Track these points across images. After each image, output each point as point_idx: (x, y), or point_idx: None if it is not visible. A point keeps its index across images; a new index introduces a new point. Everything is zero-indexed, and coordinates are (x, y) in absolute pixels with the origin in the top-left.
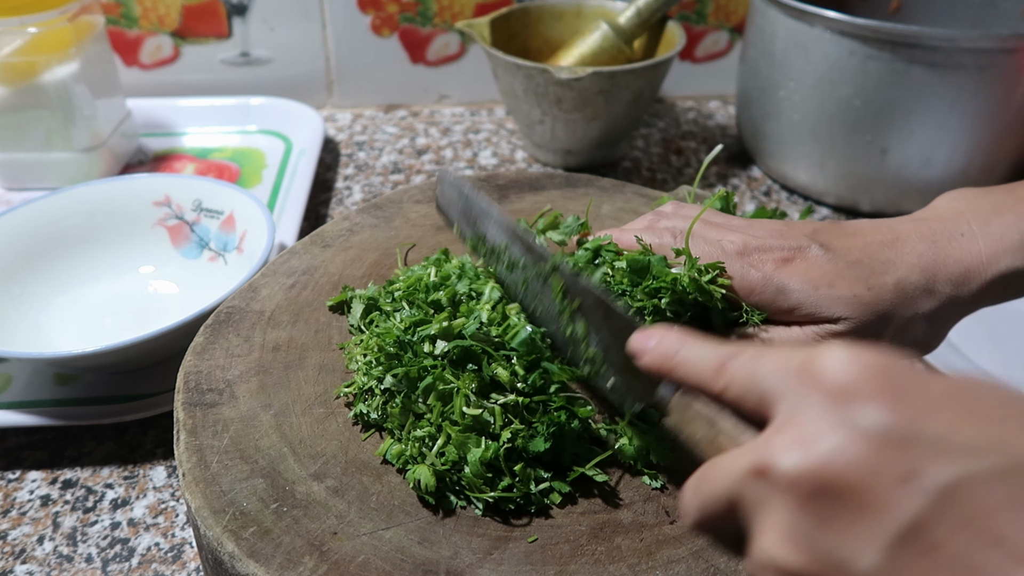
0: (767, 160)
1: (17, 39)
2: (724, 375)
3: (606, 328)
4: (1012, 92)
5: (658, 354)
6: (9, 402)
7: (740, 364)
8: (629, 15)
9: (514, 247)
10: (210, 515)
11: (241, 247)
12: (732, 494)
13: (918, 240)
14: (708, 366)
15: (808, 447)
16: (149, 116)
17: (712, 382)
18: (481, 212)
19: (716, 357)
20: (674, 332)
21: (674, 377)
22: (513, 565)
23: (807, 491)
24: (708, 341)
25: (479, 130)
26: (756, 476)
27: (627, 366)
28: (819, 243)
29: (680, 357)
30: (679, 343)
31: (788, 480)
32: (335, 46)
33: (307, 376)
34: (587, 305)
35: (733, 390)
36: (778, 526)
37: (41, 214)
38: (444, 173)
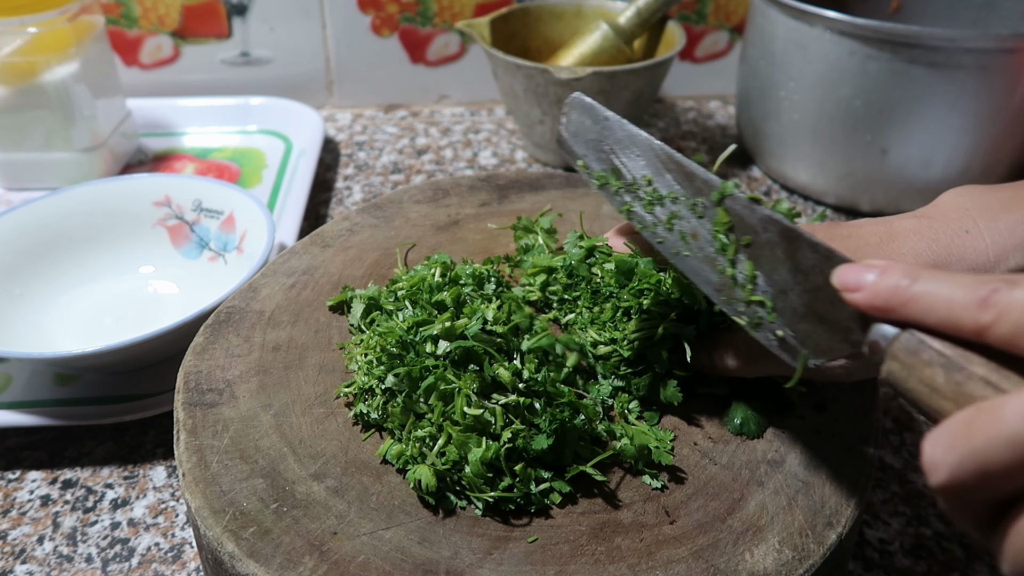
0: (767, 160)
1: (17, 39)
2: (994, 306)
3: (787, 266)
4: (1012, 92)
5: (885, 287)
6: (9, 402)
7: (1018, 295)
8: (629, 15)
9: (667, 176)
10: (210, 515)
11: (241, 247)
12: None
13: (917, 239)
14: (966, 297)
15: None
16: (149, 116)
17: (975, 315)
18: (625, 138)
19: (976, 287)
20: (902, 264)
21: (906, 313)
22: (513, 565)
23: None
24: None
25: (479, 130)
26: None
27: (812, 310)
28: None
29: (919, 288)
30: (912, 273)
31: None
32: (335, 46)
33: (307, 376)
34: (763, 240)
35: (1008, 324)
36: None
37: (41, 214)
38: (576, 98)
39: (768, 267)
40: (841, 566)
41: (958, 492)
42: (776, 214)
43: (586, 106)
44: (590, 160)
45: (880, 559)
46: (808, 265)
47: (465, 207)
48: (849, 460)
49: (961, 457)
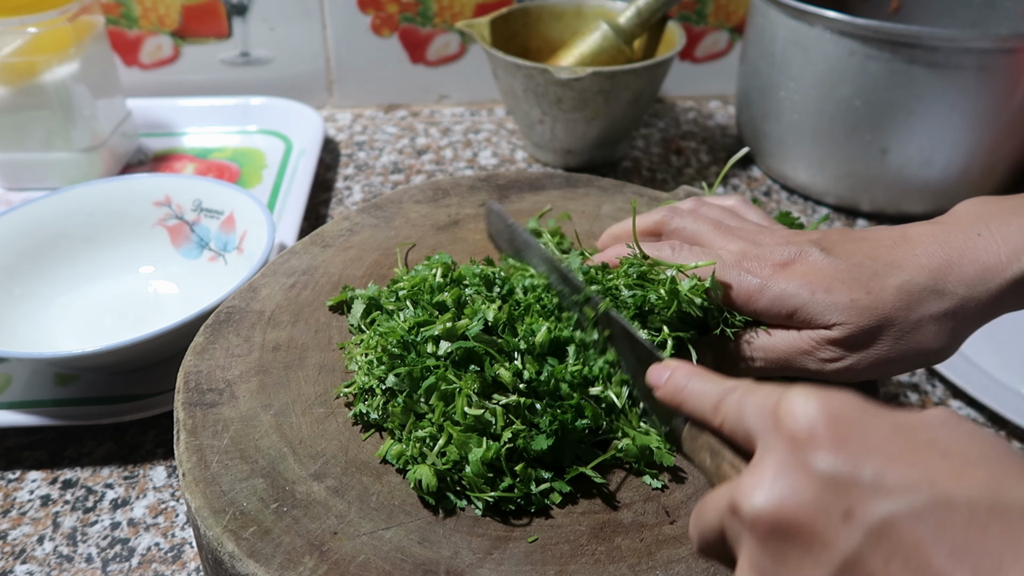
0: (767, 160)
1: (17, 39)
2: (720, 411)
3: (632, 357)
4: (1012, 92)
5: (669, 387)
6: (9, 402)
7: (731, 401)
8: (629, 15)
9: (552, 276)
10: (210, 515)
11: (241, 247)
12: (720, 527)
13: (929, 241)
14: (709, 402)
15: (767, 490)
16: (149, 116)
17: (712, 417)
18: (523, 243)
19: (715, 393)
20: (685, 367)
21: (683, 410)
22: (513, 565)
23: (766, 530)
24: (712, 377)
25: (479, 130)
26: (731, 513)
27: (650, 393)
28: (821, 247)
29: (686, 392)
30: (686, 378)
31: (751, 520)
32: (335, 46)
33: (307, 376)
34: (616, 334)
35: (727, 426)
36: (746, 559)
37: (41, 214)
38: (489, 205)
39: (623, 355)
40: None
41: (706, 553)
42: (619, 316)
43: (497, 212)
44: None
45: None
46: (642, 358)
47: (465, 207)
48: None
49: (697, 534)
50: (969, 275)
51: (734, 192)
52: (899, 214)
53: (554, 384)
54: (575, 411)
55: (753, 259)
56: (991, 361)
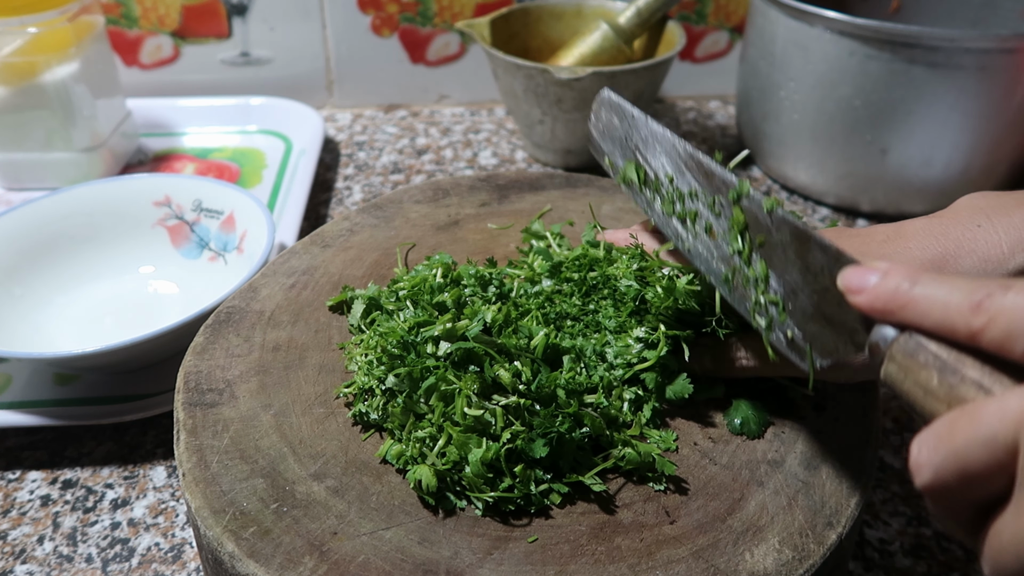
0: (767, 160)
1: (17, 39)
2: (986, 311)
3: (798, 266)
4: (1012, 92)
5: (885, 290)
6: (9, 402)
7: (1012, 300)
8: (629, 15)
9: (688, 175)
10: (210, 515)
11: (241, 247)
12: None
13: (925, 235)
14: (961, 301)
15: None
16: (149, 116)
17: (968, 320)
18: (649, 135)
19: (972, 291)
20: (902, 267)
21: (904, 316)
22: (513, 565)
23: None
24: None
25: (479, 130)
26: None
27: (819, 311)
28: None
29: (918, 292)
30: (912, 277)
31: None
32: (335, 46)
33: (307, 376)
34: (776, 240)
35: (999, 328)
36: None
37: (41, 214)
38: (605, 95)
39: (780, 267)
40: (841, 566)
41: (942, 492)
42: (790, 215)
43: (613, 103)
44: (615, 157)
45: (880, 559)
46: (817, 266)
47: (465, 207)
48: (849, 460)
49: (943, 458)
50: (968, 266)
51: None
52: (899, 214)
53: (550, 391)
54: (573, 420)
55: None
56: None
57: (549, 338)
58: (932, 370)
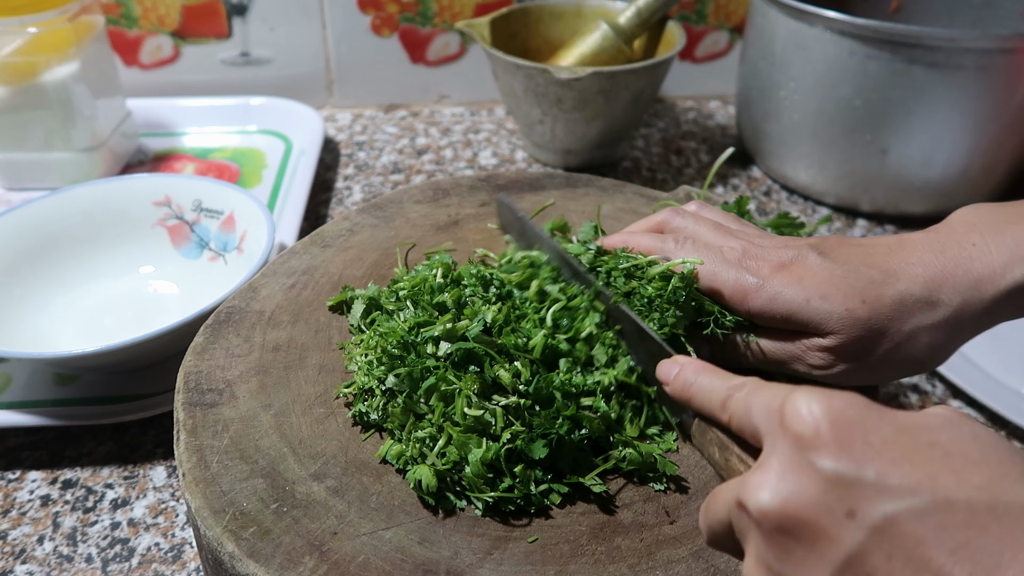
0: (767, 160)
1: (17, 39)
2: (727, 408)
3: (643, 351)
4: (1012, 92)
5: (678, 383)
6: (9, 402)
7: (738, 399)
8: (629, 15)
9: (563, 270)
10: (210, 515)
11: (241, 247)
12: (728, 520)
13: (925, 250)
14: (716, 398)
15: (772, 488)
16: (149, 116)
17: (720, 413)
18: (533, 236)
19: (722, 390)
20: (693, 363)
21: (691, 406)
22: (513, 565)
23: (772, 526)
24: (719, 373)
25: (479, 130)
26: (738, 508)
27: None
28: (819, 251)
29: (695, 388)
30: (695, 375)
31: (758, 516)
32: (335, 46)
33: (307, 376)
34: (626, 329)
35: (734, 422)
36: (752, 553)
37: (41, 214)
38: (499, 198)
39: (633, 348)
40: None
41: (714, 545)
42: (629, 311)
43: (507, 205)
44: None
45: None
46: (652, 352)
47: (465, 207)
48: None
49: (706, 526)
50: (963, 285)
51: (734, 192)
52: (899, 214)
53: (547, 392)
54: (572, 422)
55: (752, 258)
56: (991, 361)
57: (547, 339)
58: (715, 447)
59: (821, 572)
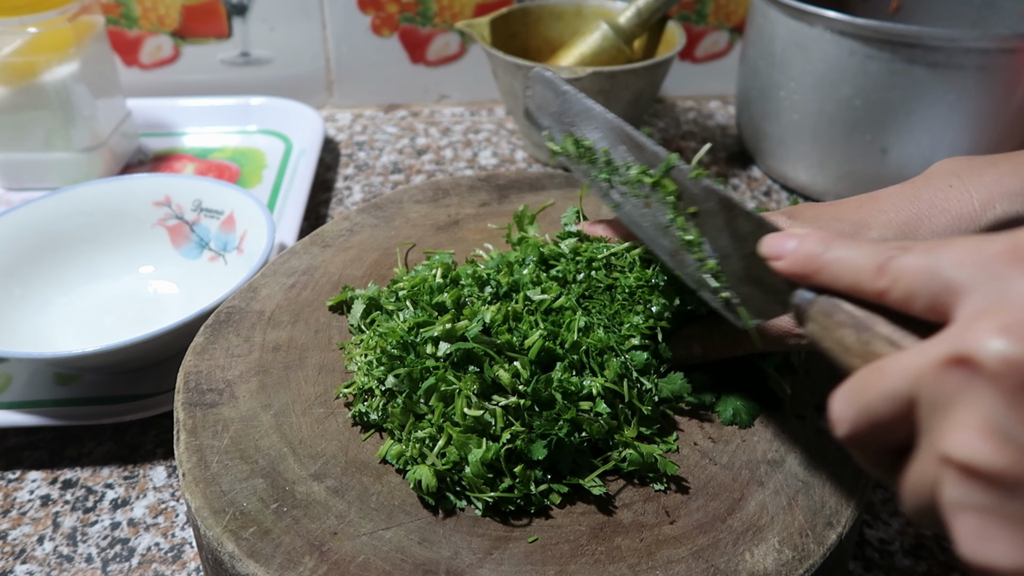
0: (767, 160)
1: (17, 39)
2: (888, 272)
3: (727, 233)
4: (1012, 92)
5: (801, 255)
6: (9, 402)
7: (910, 260)
8: (629, 15)
9: (621, 147)
10: (210, 515)
11: (241, 247)
12: (911, 392)
13: (898, 198)
14: (867, 264)
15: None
16: (149, 116)
17: (873, 281)
18: (582, 111)
19: (875, 254)
20: (817, 232)
21: (820, 279)
22: (513, 565)
23: (1018, 380)
24: (855, 239)
25: (479, 130)
26: (952, 366)
27: (750, 274)
28: (788, 216)
29: (829, 256)
30: (825, 242)
31: (997, 368)
32: (335, 46)
33: (307, 376)
34: (705, 209)
35: (901, 288)
36: (979, 421)
37: (41, 214)
38: (537, 72)
39: (712, 234)
40: (841, 566)
41: (859, 443)
42: (716, 185)
43: (546, 80)
44: (554, 131)
45: (880, 559)
46: (744, 232)
47: (465, 207)
48: (849, 460)
49: (856, 412)
50: (940, 225)
51: (734, 192)
52: None
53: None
54: (571, 425)
55: None
56: None
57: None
58: (847, 328)
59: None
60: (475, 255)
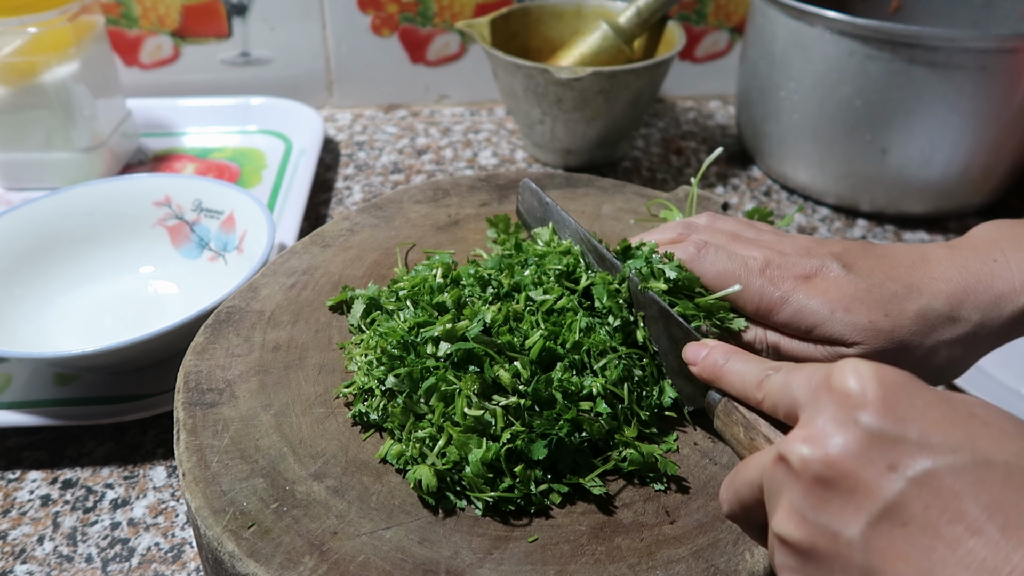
0: (767, 160)
1: (17, 39)
2: (763, 388)
3: (666, 336)
4: (1012, 92)
5: (707, 364)
6: (9, 402)
7: (776, 379)
8: (629, 15)
9: (588, 255)
10: (210, 515)
11: (241, 247)
12: (759, 481)
13: (947, 265)
14: (750, 379)
15: (817, 441)
16: (149, 116)
17: (753, 393)
18: (560, 220)
19: (757, 372)
20: (722, 346)
21: (720, 386)
22: (513, 565)
23: (812, 477)
24: (750, 357)
25: (479, 130)
26: (778, 463)
27: (682, 371)
28: (843, 263)
29: (726, 369)
30: (726, 357)
31: (799, 466)
32: (335, 46)
33: (307, 376)
34: (651, 314)
35: (769, 400)
36: (787, 505)
37: (41, 214)
38: (525, 183)
39: (655, 335)
40: None
41: (735, 519)
42: (657, 296)
43: (532, 191)
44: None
45: None
46: (678, 337)
47: (465, 207)
48: None
49: (731, 495)
50: (983, 302)
51: (734, 192)
52: (899, 214)
53: (547, 393)
54: (572, 425)
55: (776, 268)
56: (991, 361)
57: (546, 341)
58: (740, 427)
59: (857, 521)
60: (475, 255)
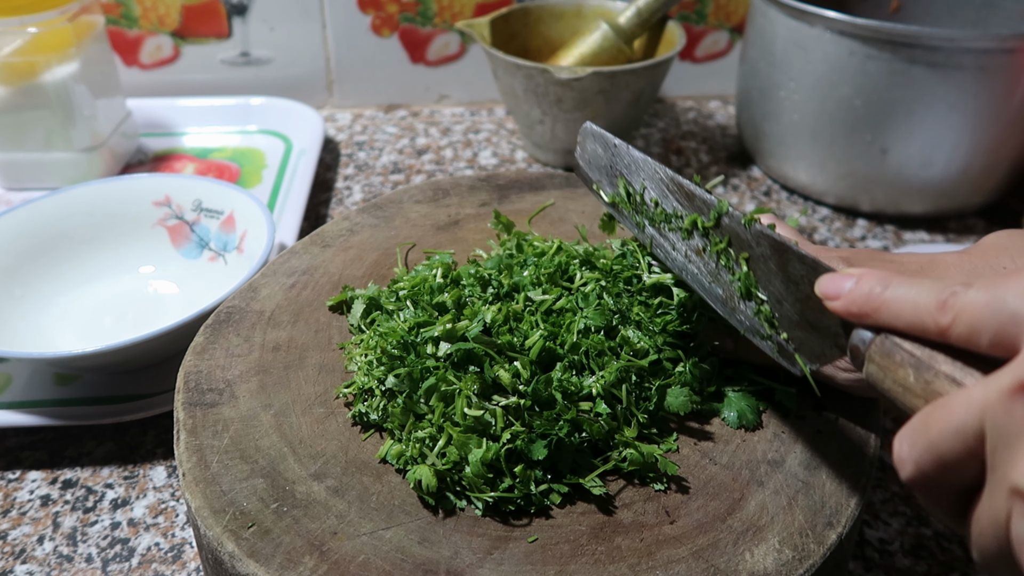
0: (767, 160)
1: (17, 39)
2: (950, 308)
3: (780, 277)
4: (1012, 92)
5: (859, 294)
6: (9, 402)
7: (974, 295)
8: (629, 15)
9: (671, 198)
10: (210, 515)
11: (241, 247)
12: (978, 425)
13: (957, 271)
14: (928, 301)
15: None
16: (149, 116)
17: (935, 318)
18: (632, 163)
19: (937, 291)
20: (874, 272)
21: (878, 318)
22: (513, 565)
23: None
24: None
25: (479, 130)
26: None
27: (804, 319)
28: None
29: (889, 295)
30: (884, 280)
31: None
32: (335, 46)
33: (307, 376)
34: (758, 253)
35: (964, 323)
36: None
37: (41, 214)
38: (587, 126)
39: (764, 279)
40: (841, 566)
41: (925, 484)
42: (767, 229)
43: (596, 134)
44: (603, 184)
45: (880, 559)
46: (798, 276)
47: (465, 207)
48: (849, 460)
49: (921, 451)
50: None
51: (734, 192)
52: (899, 214)
53: (547, 393)
54: (572, 425)
55: None
56: None
57: (545, 341)
58: (908, 368)
59: None
60: (475, 255)
